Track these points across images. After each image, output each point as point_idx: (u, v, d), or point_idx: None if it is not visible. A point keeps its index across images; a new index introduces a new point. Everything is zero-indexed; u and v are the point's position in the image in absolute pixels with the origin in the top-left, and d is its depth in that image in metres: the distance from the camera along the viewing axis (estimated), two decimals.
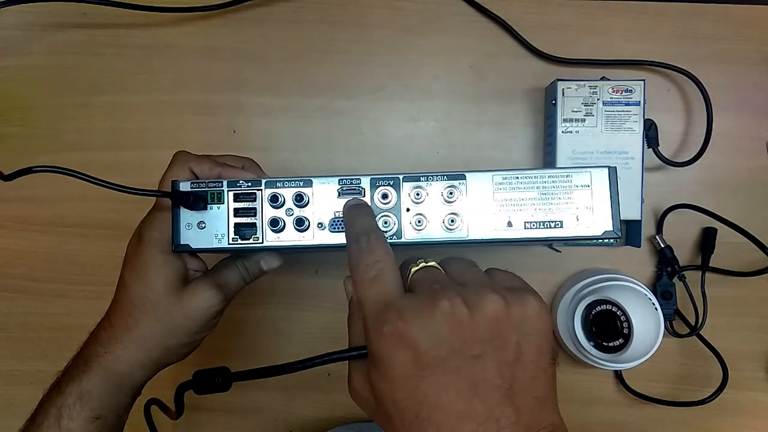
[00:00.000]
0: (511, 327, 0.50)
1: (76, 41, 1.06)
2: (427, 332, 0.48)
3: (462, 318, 0.49)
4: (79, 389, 0.67)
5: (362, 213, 0.64)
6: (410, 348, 0.48)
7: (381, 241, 0.58)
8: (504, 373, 0.48)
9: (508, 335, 0.50)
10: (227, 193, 0.68)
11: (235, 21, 1.06)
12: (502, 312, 0.50)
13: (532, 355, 0.50)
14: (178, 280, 0.70)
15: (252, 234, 0.68)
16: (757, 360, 1.04)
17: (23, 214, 1.06)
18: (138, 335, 0.69)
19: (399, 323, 0.49)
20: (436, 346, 0.48)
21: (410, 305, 0.50)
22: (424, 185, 0.66)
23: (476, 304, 0.50)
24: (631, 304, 0.92)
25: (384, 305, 0.51)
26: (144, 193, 0.63)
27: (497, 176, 0.66)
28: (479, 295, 0.51)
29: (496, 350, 0.49)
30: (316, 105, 1.06)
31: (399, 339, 0.48)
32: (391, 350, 0.49)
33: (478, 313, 0.49)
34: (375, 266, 0.55)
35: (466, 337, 0.48)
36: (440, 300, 0.49)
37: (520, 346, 0.50)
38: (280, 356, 1.05)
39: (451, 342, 0.48)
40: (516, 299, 0.51)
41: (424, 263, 0.57)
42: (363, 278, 0.55)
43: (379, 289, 0.53)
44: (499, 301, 0.50)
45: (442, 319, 0.48)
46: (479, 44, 1.06)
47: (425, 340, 0.48)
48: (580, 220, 0.65)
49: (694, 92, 1.01)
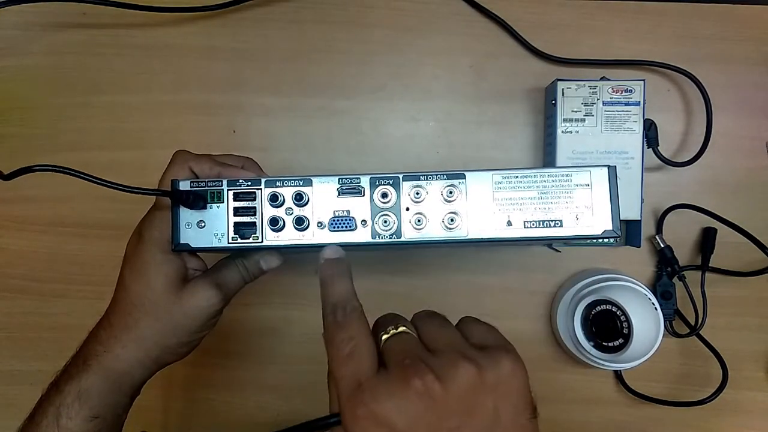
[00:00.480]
0: (486, 393, 0.50)
1: (76, 41, 1.06)
2: (402, 412, 0.48)
3: (436, 394, 0.48)
4: (77, 388, 0.67)
5: (339, 274, 0.62)
6: (385, 429, 0.47)
7: (356, 313, 0.57)
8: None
9: (484, 402, 0.49)
10: (227, 192, 0.68)
11: (235, 21, 1.06)
12: (475, 379, 0.50)
13: (510, 415, 0.50)
14: (178, 280, 0.70)
15: (252, 233, 0.68)
16: (757, 360, 1.04)
17: (23, 214, 1.06)
18: (137, 334, 0.69)
19: (372, 405, 0.48)
20: (412, 425, 0.47)
21: (383, 386, 0.50)
22: (423, 184, 0.66)
23: (449, 376, 0.49)
24: (631, 304, 0.92)
25: (357, 385, 0.50)
26: (144, 192, 0.63)
27: (497, 175, 0.66)
28: (451, 366, 0.50)
29: (473, 419, 0.49)
30: (316, 105, 1.06)
31: (374, 421, 0.48)
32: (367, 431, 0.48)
33: (451, 386, 0.49)
34: (349, 343, 0.54)
35: (441, 412, 0.48)
36: (412, 378, 0.48)
37: (497, 410, 0.50)
38: (278, 356, 1.05)
39: (427, 419, 0.48)
40: (489, 362, 0.51)
41: (394, 329, 0.57)
42: (338, 354, 0.54)
43: (353, 367, 0.52)
44: (472, 369, 0.50)
45: (415, 398, 0.48)
46: (479, 44, 1.06)
47: (400, 421, 0.47)
48: (580, 220, 0.65)
49: (693, 92, 1.01)
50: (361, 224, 0.67)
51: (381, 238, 0.67)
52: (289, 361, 1.04)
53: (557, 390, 1.05)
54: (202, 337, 0.74)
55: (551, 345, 1.05)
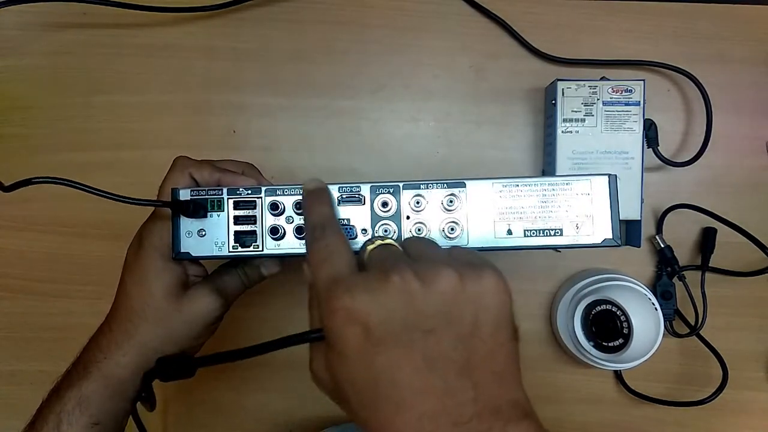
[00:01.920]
0: (466, 301, 0.50)
1: (76, 41, 1.06)
2: (377, 306, 0.48)
3: (414, 291, 0.48)
4: (78, 395, 0.68)
5: (319, 201, 0.64)
6: (361, 323, 0.47)
7: (333, 227, 0.59)
8: (460, 347, 0.48)
9: (463, 309, 0.50)
10: (227, 201, 0.68)
11: (236, 21, 1.06)
12: (456, 286, 0.50)
13: (489, 328, 0.50)
14: (178, 286, 0.70)
15: (252, 242, 0.68)
16: (757, 360, 1.05)
17: (23, 214, 1.06)
18: (138, 341, 0.69)
19: (347, 298, 0.48)
20: (387, 320, 0.48)
21: (360, 280, 0.50)
22: (424, 193, 0.66)
23: (429, 278, 0.49)
24: (631, 304, 0.92)
25: (334, 282, 0.51)
26: (144, 203, 0.64)
27: (497, 184, 0.66)
28: (433, 269, 0.50)
29: (451, 324, 0.49)
30: (316, 105, 1.06)
31: (349, 314, 0.48)
32: (342, 326, 0.48)
33: (430, 287, 0.49)
34: (325, 249, 0.56)
35: (418, 311, 0.48)
36: (391, 274, 0.49)
37: (476, 320, 0.50)
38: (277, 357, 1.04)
39: (403, 316, 0.48)
40: (472, 273, 0.51)
41: (381, 241, 0.58)
42: (316, 259, 0.55)
43: (330, 267, 0.53)
44: (453, 275, 0.50)
45: (393, 293, 0.48)
46: (479, 44, 1.06)
47: (375, 315, 0.47)
48: (580, 228, 0.66)
49: (693, 92, 1.01)
50: (361, 233, 0.67)
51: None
52: (289, 362, 1.04)
53: (557, 390, 1.05)
54: (202, 343, 0.74)
55: (551, 345, 1.05)
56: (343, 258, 0.55)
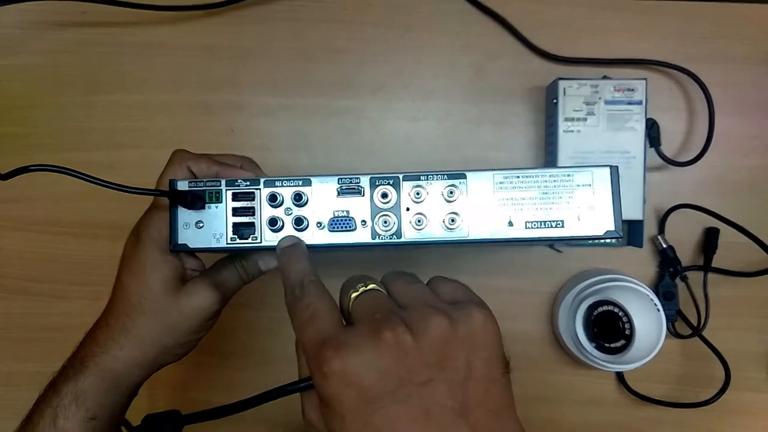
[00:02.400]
0: (457, 346, 0.49)
1: (76, 40, 1.06)
2: (371, 366, 0.47)
3: (407, 346, 0.47)
4: (75, 389, 0.67)
5: (294, 258, 0.63)
6: (354, 385, 0.46)
7: (314, 284, 0.57)
8: (456, 393, 0.48)
9: (456, 355, 0.49)
10: (225, 193, 0.67)
11: (235, 20, 1.06)
12: (447, 332, 0.49)
13: (481, 368, 0.49)
14: (176, 280, 0.69)
15: (250, 233, 0.67)
16: (760, 361, 1.04)
17: (23, 214, 1.06)
18: (135, 335, 0.68)
19: (338, 361, 0.47)
20: (381, 378, 0.46)
21: (349, 340, 0.49)
22: (424, 184, 0.66)
23: (420, 329, 0.49)
24: (633, 305, 0.92)
25: (321, 344, 0.49)
26: (141, 192, 0.63)
27: (498, 175, 0.66)
28: (423, 319, 0.50)
29: (445, 372, 0.48)
30: (316, 105, 1.05)
31: (341, 377, 0.47)
32: (336, 389, 0.47)
33: (423, 338, 0.48)
34: (308, 308, 0.54)
35: (412, 365, 0.47)
36: (383, 331, 0.48)
37: (469, 363, 0.49)
38: (277, 356, 1.04)
39: (398, 372, 0.47)
40: (460, 315, 0.51)
41: (363, 287, 0.56)
42: (299, 322, 0.54)
43: (314, 328, 0.52)
44: (444, 322, 0.49)
45: (385, 351, 0.47)
46: (479, 43, 1.05)
47: (369, 375, 0.46)
48: (582, 220, 0.65)
49: (696, 91, 1.01)
50: (360, 224, 0.67)
51: (381, 238, 0.66)
52: (287, 361, 1.03)
53: (558, 391, 1.05)
54: (200, 338, 0.73)
55: (553, 346, 1.05)
56: (327, 316, 0.53)
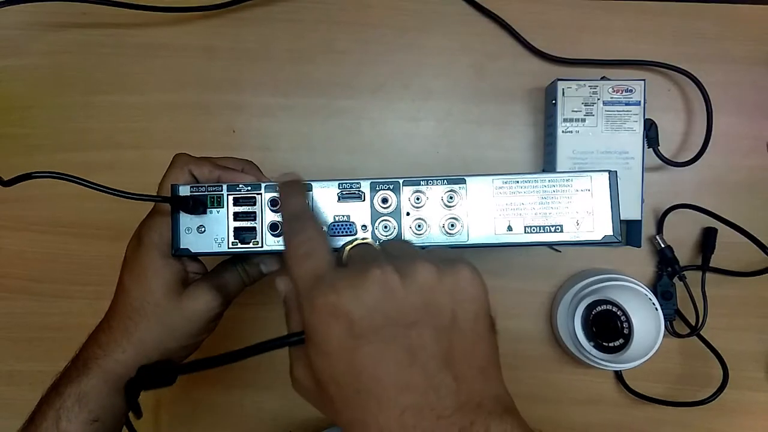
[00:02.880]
0: (444, 293, 0.50)
1: (76, 41, 1.06)
2: (360, 301, 0.48)
3: (394, 286, 0.49)
4: (77, 391, 0.67)
5: (294, 192, 0.64)
6: (343, 318, 0.48)
7: (312, 221, 0.59)
8: (441, 339, 0.49)
9: (442, 302, 0.50)
10: (227, 197, 0.68)
11: (235, 21, 1.06)
12: (434, 279, 0.50)
13: (468, 321, 0.51)
14: (178, 283, 0.70)
15: (252, 238, 0.68)
16: (758, 360, 1.04)
17: (23, 215, 1.06)
18: (137, 338, 0.69)
19: (330, 295, 0.49)
20: (369, 314, 0.48)
21: (341, 276, 0.50)
22: (424, 189, 0.66)
23: (408, 272, 0.50)
24: (632, 305, 0.92)
25: (315, 279, 0.51)
26: (144, 198, 0.63)
27: (497, 180, 0.66)
28: (411, 264, 0.51)
29: (431, 317, 0.49)
30: (316, 105, 1.06)
31: (332, 310, 0.48)
32: (325, 323, 0.48)
33: (410, 281, 0.49)
34: (306, 244, 0.55)
35: (399, 305, 0.49)
36: (372, 269, 0.49)
37: (455, 313, 0.50)
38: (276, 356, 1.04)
39: (385, 310, 0.48)
40: (448, 267, 0.52)
41: (360, 240, 0.58)
42: (295, 256, 0.55)
43: (310, 265, 0.53)
44: (432, 268, 0.51)
45: (373, 288, 0.49)
46: (479, 44, 1.05)
47: (358, 309, 0.48)
48: (581, 225, 0.65)
49: (694, 92, 1.01)
50: (361, 229, 0.67)
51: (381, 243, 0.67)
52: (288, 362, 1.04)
53: (557, 390, 1.05)
54: (202, 340, 0.74)
55: (551, 345, 1.05)
56: (323, 253, 0.55)
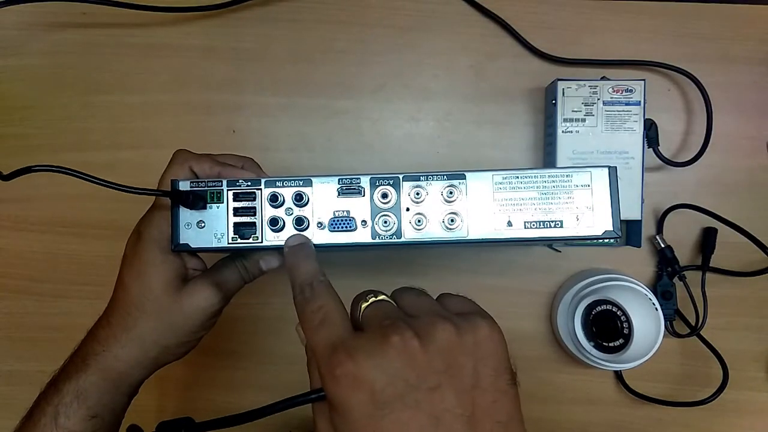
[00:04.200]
0: (464, 353, 0.49)
1: (76, 41, 1.06)
2: (381, 370, 0.47)
3: (414, 351, 0.48)
4: (76, 387, 0.67)
5: (303, 257, 0.63)
6: (365, 389, 0.46)
7: (324, 285, 0.58)
8: (464, 400, 0.48)
9: (463, 362, 0.49)
10: (227, 193, 0.68)
11: (235, 21, 1.06)
12: (454, 339, 0.49)
13: (489, 378, 0.49)
14: (177, 279, 0.69)
15: (251, 233, 0.68)
16: (758, 360, 1.04)
17: (23, 214, 1.06)
18: (136, 334, 0.69)
19: (350, 365, 0.47)
20: (391, 383, 0.47)
21: (360, 344, 0.49)
22: (424, 185, 0.66)
23: (427, 335, 0.49)
24: (632, 305, 0.92)
25: (333, 348, 0.50)
26: (143, 192, 0.63)
27: (497, 176, 0.66)
28: (430, 325, 0.50)
29: (453, 378, 0.48)
30: (317, 105, 1.06)
31: (353, 381, 0.47)
32: (347, 393, 0.47)
33: (430, 344, 0.49)
34: (320, 311, 0.54)
35: (421, 370, 0.48)
36: (391, 335, 0.48)
37: (476, 371, 0.49)
38: (278, 356, 1.04)
39: (407, 377, 0.47)
40: (466, 324, 0.51)
41: (374, 298, 0.56)
42: (310, 325, 0.54)
43: (326, 332, 0.52)
44: (450, 329, 0.50)
45: (394, 355, 0.47)
46: (479, 44, 1.06)
47: (379, 379, 0.46)
48: (580, 220, 0.65)
49: (694, 92, 1.01)
50: (361, 224, 0.67)
51: (381, 238, 0.67)
52: (288, 362, 1.04)
53: (557, 390, 1.05)
54: (201, 337, 0.73)
55: (551, 345, 1.05)
56: (339, 320, 0.54)
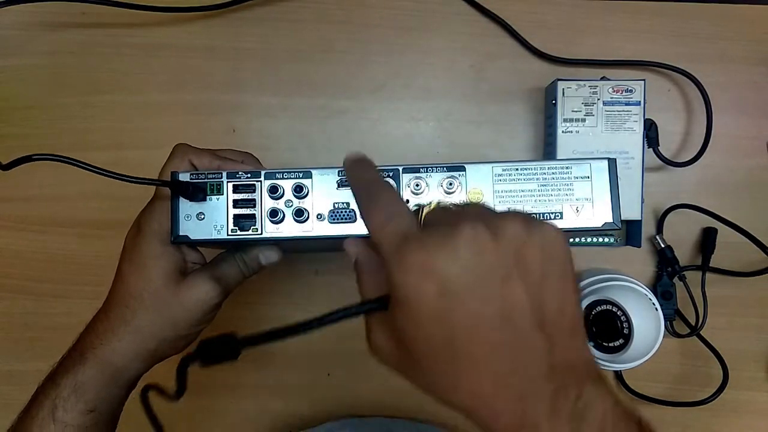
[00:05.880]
0: (533, 248, 0.47)
1: (76, 41, 1.06)
2: (452, 260, 0.45)
3: (485, 243, 0.46)
4: (74, 381, 0.67)
5: (364, 167, 0.60)
6: (436, 277, 0.44)
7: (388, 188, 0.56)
8: (533, 297, 0.46)
9: (532, 256, 0.47)
10: (226, 184, 0.68)
11: (235, 21, 1.06)
12: (523, 234, 0.48)
13: (556, 279, 0.48)
14: (177, 272, 0.69)
15: (251, 225, 0.68)
16: (758, 360, 1.04)
17: (23, 214, 1.06)
18: (135, 327, 0.69)
19: (421, 253, 0.45)
20: (462, 273, 0.45)
21: (431, 235, 0.47)
22: (423, 176, 0.66)
23: (498, 228, 0.47)
24: (632, 304, 0.92)
25: (403, 239, 0.48)
26: (143, 181, 0.63)
27: (497, 168, 0.66)
28: (500, 218, 0.48)
29: (523, 272, 0.47)
30: (316, 105, 1.06)
31: (423, 270, 0.45)
32: (417, 283, 0.45)
33: (500, 236, 0.47)
34: (387, 208, 0.52)
35: (491, 261, 0.46)
36: (462, 227, 0.47)
37: (544, 269, 0.48)
38: (278, 356, 1.04)
39: (477, 267, 0.45)
40: (535, 224, 0.49)
41: (437, 203, 0.56)
42: (377, 221, 0.52)
43: (394, 226, 0.50)
44: (520, 225, 0.48)
45: (465, 245, 0.46)
46: (479, 44, 1.06)
47: (451, 268, 0.45)
48: (580, 212, 0.65)
49: (694, 92, 1.01)
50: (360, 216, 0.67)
51: None
52: (289, 362, 1.04)
53: None
54: (200, 330, 0.73)
55: None
56: (408, 216, 0.52)
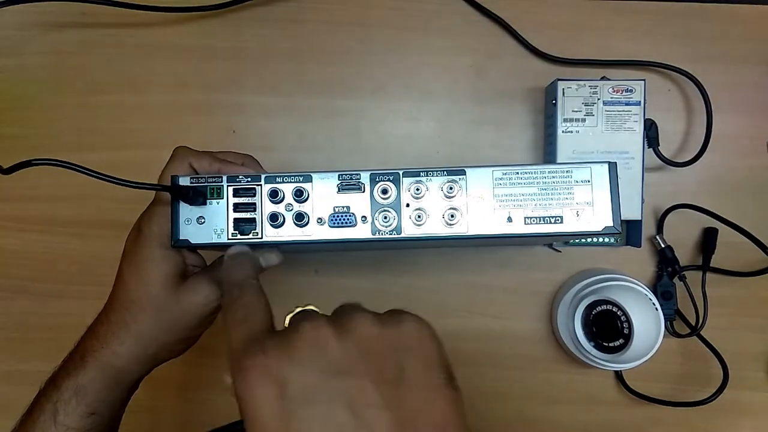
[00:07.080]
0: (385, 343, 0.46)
1: (76, 41, 1.06)
2: (290, 360, 0.43)
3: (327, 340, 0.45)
4: (75, 384, 0.67)
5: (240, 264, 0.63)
6: (274, 382, 0.42)
7: (253, 287, 0.57)
8: (386, 395, 0.42)
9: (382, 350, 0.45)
10: (227, 188, 0.68)
11: (235, 21, 1.06)
12: (373, 329, 0.46)
13: (418, 374, 0.45)
14: (177, 276, 0.70)
15: (251, 229, 0.68)
16: (758, 360, 1.04)
17: (23, 214, 1.06)
18: (135, 330, 0.69)
19: (259, 356, 0.44)
20: (301, 373, 0.43)
21: (273, 338, 0.47)
22: (424, 180, 0.66)
23: (342, 325, 0.46)
24: (632, 304, 0.92)
25: (247, 343, 0.47)
26: (143, 186, 0.63)
27: (497, 171, 0.66)
28: (347, 316, 0.47)
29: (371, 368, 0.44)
30: (316, 105, 1.06)
31: (260, 372, 0.43)
32: (253, 388, 0.43)
33: (344, 332, 0.46)
34: (242, 309, 0.53)
35: (332, 359, 0.44)
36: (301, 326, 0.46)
37: (401, 365, 0.45)
38: None
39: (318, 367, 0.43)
40: (389, 318, 0.48)
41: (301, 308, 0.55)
42: (232, 320, 0.52)
43: (244, 329, 0.50)
44: (369, 318, 0.47)
45: (304, 344, 0.44)
46: (479, 44, 1.06)
47: (288, 369, 0.43)
48: (580, 216, 0.65)
49: (694, 92, 1.01)
50: (360, 220, 0.67)
51: (381, 234, 0.67)
52: None
53: (557, 390, 1.05)
54: (200, 333, 0.74)
55: (551, 345, 1.05)
56: (260, 317, 0.52)
